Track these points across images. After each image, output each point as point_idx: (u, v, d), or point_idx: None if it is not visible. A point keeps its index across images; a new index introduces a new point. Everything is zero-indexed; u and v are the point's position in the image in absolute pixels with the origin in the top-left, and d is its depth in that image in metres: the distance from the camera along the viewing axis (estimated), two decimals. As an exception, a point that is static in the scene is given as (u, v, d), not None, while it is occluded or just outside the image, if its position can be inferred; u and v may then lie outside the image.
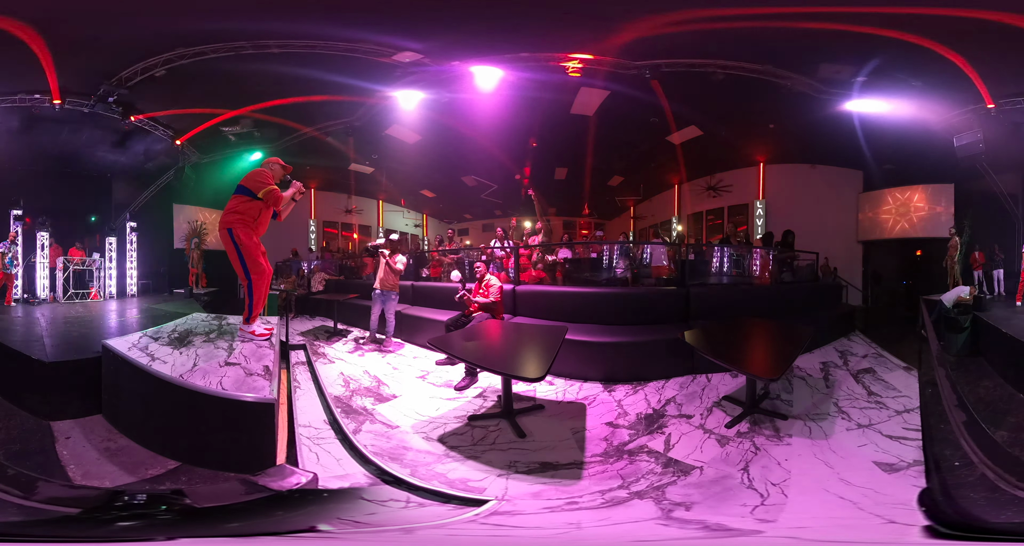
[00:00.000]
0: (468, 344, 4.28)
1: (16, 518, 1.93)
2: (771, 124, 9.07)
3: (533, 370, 3.28)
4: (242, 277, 3.77)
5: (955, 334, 5.38)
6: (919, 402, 4.03)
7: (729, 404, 4.03)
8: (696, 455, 3.22)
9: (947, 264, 7.71)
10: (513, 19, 6.28)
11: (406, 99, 8.63)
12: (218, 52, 7.04)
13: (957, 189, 8.07)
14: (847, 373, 4.93)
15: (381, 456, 3.15)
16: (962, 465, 2.82)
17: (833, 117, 7.73)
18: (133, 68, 7.25)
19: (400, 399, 4.46)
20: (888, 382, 4.62)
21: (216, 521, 2.08)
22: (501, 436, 3.54)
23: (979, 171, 7.25)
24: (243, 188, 3.74)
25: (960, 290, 6.08)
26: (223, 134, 9.09)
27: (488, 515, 2.39)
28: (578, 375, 4.73)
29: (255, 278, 3.77)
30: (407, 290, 7.40)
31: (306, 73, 7.45)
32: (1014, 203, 7.27)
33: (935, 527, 2.00)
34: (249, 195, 3.72)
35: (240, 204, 3.71)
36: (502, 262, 8.16)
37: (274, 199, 3.75)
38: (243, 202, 3.72)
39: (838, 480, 2.78)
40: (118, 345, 3.58)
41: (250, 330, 3.96)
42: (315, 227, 11.55)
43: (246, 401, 2.86)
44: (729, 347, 4.25)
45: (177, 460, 2.88)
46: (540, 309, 6.01)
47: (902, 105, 7.21)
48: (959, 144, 7.11)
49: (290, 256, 10.61)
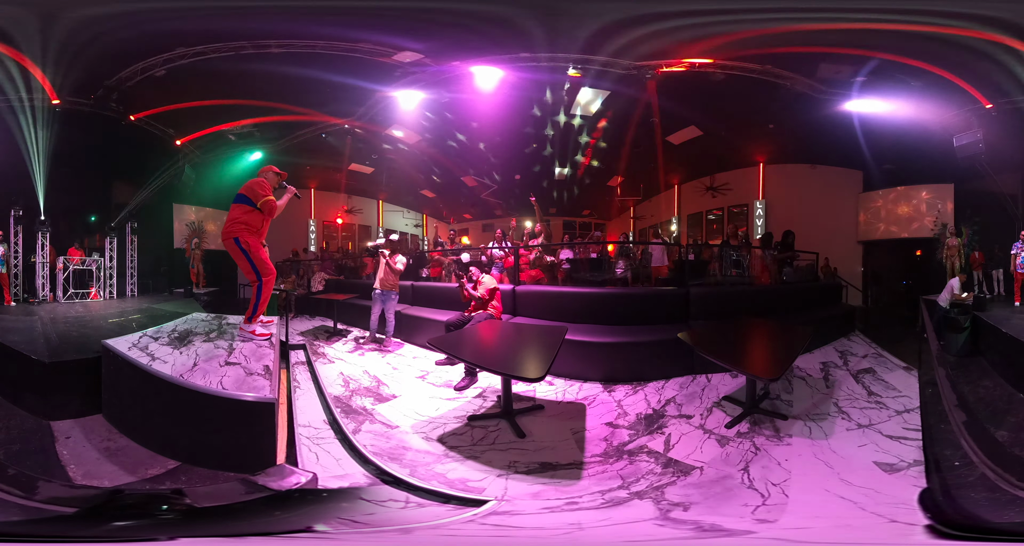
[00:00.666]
0: (468, 344, 4.29)
1: (16, 517, 1.93)
2: (771, 124, 9.07)
3: (533, 370, 3.28)
4: (253, 279, 3.92)
5: (955, 334, 5.38)
6: (919, 402, 4.03)
7: (729, 404, 4.03)
8: (696, 455, 3.22)
9: (944, 257, 7.69)
10: (513, 19, 6.28)
11: (406, 99, 8.63)
12: (218, 52, 7.05)
13: (957, 189, 8.08)
14: (847, 373, 4.93)
15: (380, 456, 3.15)
16: (962, 465, 2.82)
17: (833, 117, 7.74)
18: (133, 68, 7.25)
19: (400, 399, 4.46)
20: (888, 382, 4.62)
21: (216, 521, 2.08)
22: (501, 436, 3.54)
23: (979, 171, 7.25)
24: (244, 197, 3.88)
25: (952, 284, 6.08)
26: (223, 134, 9.08)
27: (487, 515, 2.39)
28: (578, 375, 4.73)
29: (266, 279, 3.93)
30: (407, 290, 7.40)
31: (306, 73, 7.46)
32: (1014, 203, 7.27)
33: (937, 527, 2.00)
34: (250, 204, 3.87)
35: (243, 214, 3.86)
36: (502, 263, 8.17)
37: (269, 210, 3.91)
38: (246, 212, 3.86)
39: (839, 480, 2.78)
40: (118, 345, 3.59)
41: (251, 329, 4.02)
42: (315, 227, 11.56)
43: (246, 401, 2.86)
44: (729, 347, 4.24)
45: (177, 460, 2.89)
46: (540, 309, 6.00)
47: (902, 105, 7.21)
48: (959, 144, 7.11)
49: (290, 256, 10.62)
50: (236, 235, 3.81)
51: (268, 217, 3.94)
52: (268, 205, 3.88)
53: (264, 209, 3.88)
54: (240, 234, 3.81)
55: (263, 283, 3.92)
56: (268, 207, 3.89)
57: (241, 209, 3.87)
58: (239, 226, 3.83)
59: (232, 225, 3.85)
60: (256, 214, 3.88)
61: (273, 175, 4.13)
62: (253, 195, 3.86)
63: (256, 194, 3.86)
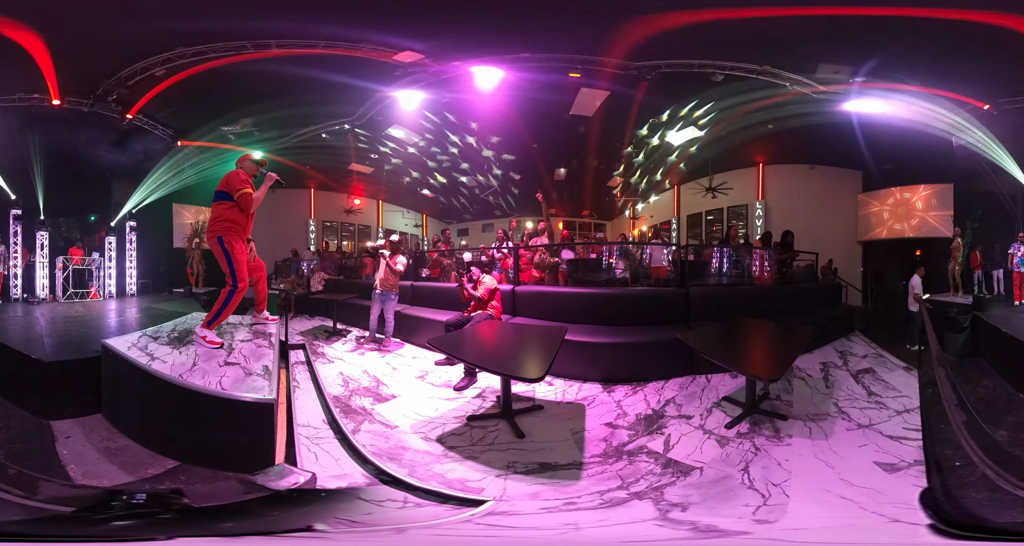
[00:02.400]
0: (467, 344, 4.28)
1: (17, 517, 1.93)
2: (770, 124, 9.08)
3: (532, 370, 3.28)
4: (229, 284, 3.80)
5: (955, 334, 5.39)
6: (919, 402, 4.03)
7: (729, 405, 4.03)
8: (696, 456, 3.21)
9: (950, 266, 7.70)
10: (514, 19, 6.28)
11: (407, 99, 8.63)
12: (218, 52, 7.05)
13: (957, 189, 8.08)
14: (847, 373, 4.93)
15: (379, 456, 3.14)
16: (963, 465, 2.81)
17: (832, 117, 7.73)
18: (132, 68, 7.25)
19: (399, 399, 4.46)
20: (888, 382, 4.62)
21: (215, 520, 2.08)
22: (500, 436, 3.54)
23: (978, 171, 7.25)
24: (222, 193, 3.76)
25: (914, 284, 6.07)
26: (223, 133, 9.08)
27: (483, 515, 2.38)
28: (577, 375, 4.73)
29: (240, 286, 3.82)
30: (407, 290, 7.40)
31: (307, 73, 7.46)
32: (1013, 203, 7.27)
33: (940, 527, 2.00)
34: (229, 199, 3.76)
35: (225, 211, 3.75)
36: (502, 264, 8.16)
37: (245, 204, 3.78)
38: (228, 208, 3.76)
39: (839, 480, 2.78)
40: (117, 345, 3.58)
41: (202, 336, 3.73)
42: (315, 227, 11.56)
43: (245, 401, 2.85)
44: (729, 347, 4.25)
45: (176, 459, 2.88)
46: (540, 309, 6.00)
47: (901, 105, 7.21)
48: (958, 144, 7.11)
49: (290, 256, 10.62)
50: (220, 234, 3.71)
51: (245, 211, 3.80)
52: (244, 199, 3.74)
53: (240, 203, 3.74)
54: (224, 233, 3.71)
55: (236, 291, 3.78)
56: (244, 201, 3.75)
57: (222, 206, 3.73)
58: (223, 225, 3.72)
59: (215, 224, 3.73)
60: (237, 209, 3.75)
61: (250, 164, 3.95)
62: (229, 189, 3.73)
63: (232, 188, 3.73)
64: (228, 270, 3.75)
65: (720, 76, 7.55)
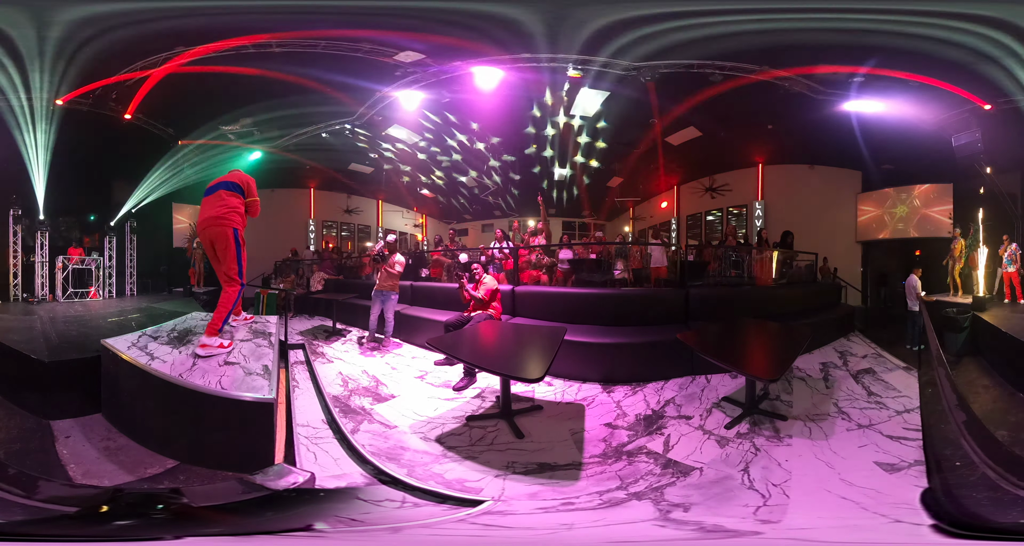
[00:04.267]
0: (467, 344, 4.28)
1: (18, 517, 1.93)
2: (769, 125, 9.08)
3: (532, 371, 3.28)
4: (236, 280, 3.75)
5: (955, 334, 5.39)
6: (919, 402, 4.03)
7: (729, 405, 4.03)
8: (696, 456, 3.21)
9: (947, 263, 7.70)
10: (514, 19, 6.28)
11: (407, 99, 8.63)
12: (218, 52, 7.04)
13: (956, 189, 8.08)
14: (847, 373, 4.93)
15: (379, 456, 3.14)
16: (963, 465, 2.81)
17: (831, 117, 7.73)
18: (132, 67, 7.25)
19: (398, 399, 4.46)
20: (888, 382, 4.62)
21: (214, 520, 2.08)
22: (499, 437, 3.54)
23: (978, 171, 7.25)
24: (238, 186, 3.74)
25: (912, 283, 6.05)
26: (223, 133, 9.08)
27: (480, 515, 2.38)
28: (577, 376, 4.73)
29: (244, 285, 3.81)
30: (407, 290, 7.40)
31: (307, 73, 7.46)
32: (1013, 203, 7.27)
33: (942, 526, 1.99)
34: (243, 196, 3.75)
35: (240, 204, 3.73)
36: (501, 264, 8.16)
37: (255, 211, 3.82)
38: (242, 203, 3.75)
39: (839, 480, 2.78)
40: (117, 344, 3.58)
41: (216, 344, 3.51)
42: (314, 227, 11.55)
43: (245, 400, 2.86)
44: (728, 348, 4.24)
45: (176, 459, 2.89)
46: (539, 309, 6.00)
47: (900, 105, 7.21)
48: (957, 144, 7.11)
49: (289, 256, 10.61)
50: (236, 227, 3.66)
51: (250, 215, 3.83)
52: (255, 208, 3.78)
53: (251, 209, 3.77)
54: (239, 227, 3.68)
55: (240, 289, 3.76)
56: (255, 209, 3.78)
57: (237, 199, 3.70)
58: (238, 217, 3.68)
59: (233, 214, 3.66)
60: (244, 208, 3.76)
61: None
62: (248, 189, 3.73)
63: (250, 190, 3.74)
64: (236, 266, 3.71)
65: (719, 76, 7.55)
